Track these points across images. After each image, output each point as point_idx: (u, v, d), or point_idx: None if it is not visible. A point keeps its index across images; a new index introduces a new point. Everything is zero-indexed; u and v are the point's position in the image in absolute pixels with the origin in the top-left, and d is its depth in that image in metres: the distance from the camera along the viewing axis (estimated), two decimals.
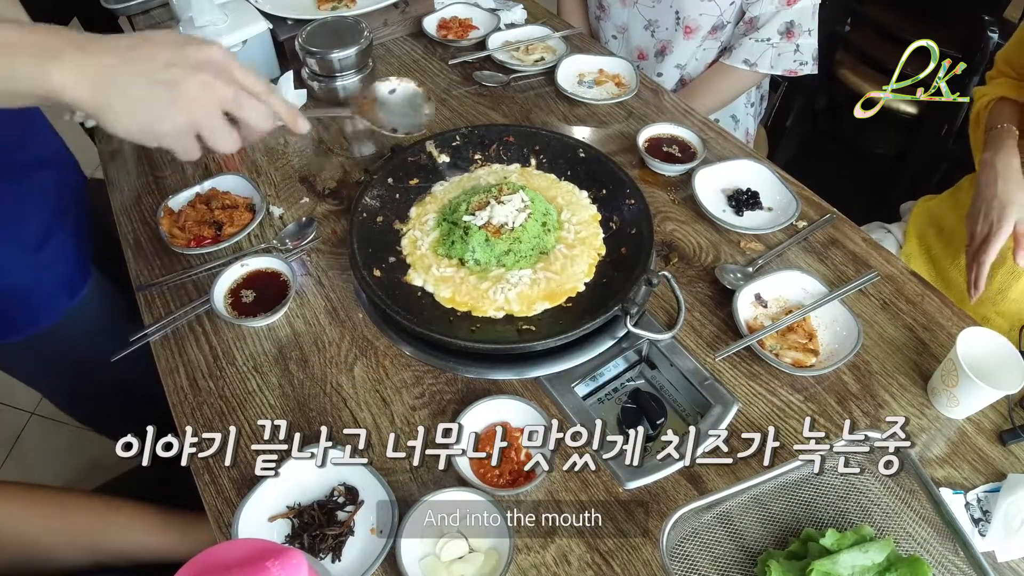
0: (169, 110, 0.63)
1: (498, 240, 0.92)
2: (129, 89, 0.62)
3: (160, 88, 0.63)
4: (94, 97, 0.61)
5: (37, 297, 1.01)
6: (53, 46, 0.60)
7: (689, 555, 0.68)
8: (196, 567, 0.51)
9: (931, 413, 0.83)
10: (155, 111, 0.63)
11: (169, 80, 0.63)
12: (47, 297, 1.02)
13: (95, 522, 0.92)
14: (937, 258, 1.24)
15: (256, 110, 0.68)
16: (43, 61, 0.59)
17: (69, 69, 0.60)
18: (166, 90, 0.63)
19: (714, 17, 1.44)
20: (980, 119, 1.16)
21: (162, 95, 0.63)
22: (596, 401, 0.90)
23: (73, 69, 0.60)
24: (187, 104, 0.64)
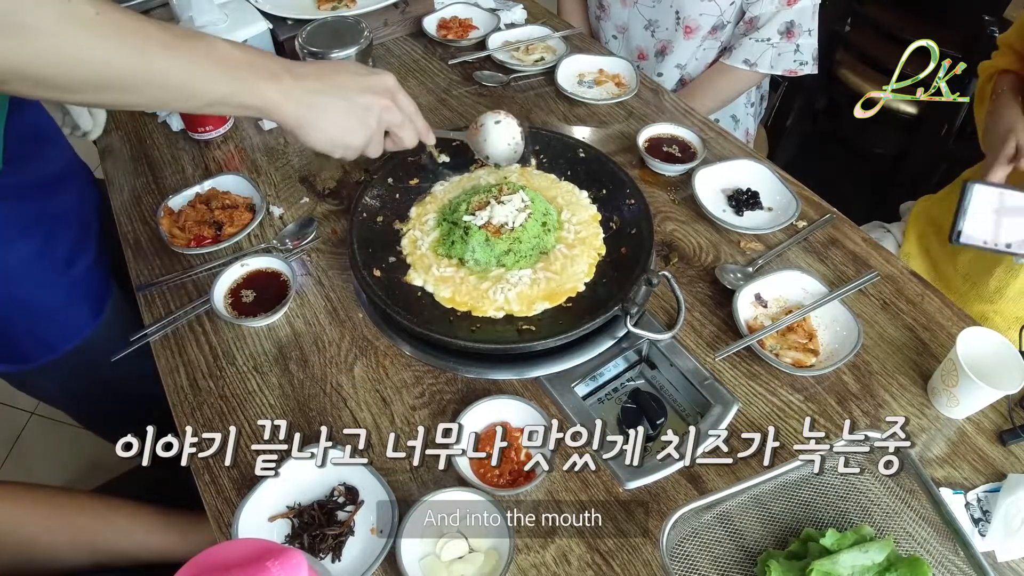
0: (359, 129, 0.80)
1: (498, 240, 0.92)
2: (329, 110, 0.77)
3: (356, 111, 0.79)
4: (299, 115, 0.75)
5: (69, 315, 1.01)
6: (274, 70, 0.73)
7: (689, 555, 0.68)
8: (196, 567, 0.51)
9: (931, 413, 0.83)
10: (348, 129, 0.79)
11: (362, 106, 0.79)
12: (77, 314, 1.02)
13: (95, 522, 0.92)
14: (936, 258, 1.24)
15: (409, 133, 0.86)
16: (265, 81, 0.72)
17: (284, 91, 0.74)
18: (360, 112, 0.79)
19: (714, 17, 1.44)
20: (984, 93, 1.16)
21: (356, 116, 0.79)
22: (596, 401, 0.90)
23: (287, 91, 0.74)
24: (372, 124, 0.81)
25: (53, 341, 1.02)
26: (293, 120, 0.76)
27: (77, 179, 1.08)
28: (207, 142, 1.19)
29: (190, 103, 0.71)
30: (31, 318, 0.98)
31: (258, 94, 0.72)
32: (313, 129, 0.77)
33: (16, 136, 0.87)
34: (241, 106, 0.73)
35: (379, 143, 0.84)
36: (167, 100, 0.72)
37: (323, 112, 0.77)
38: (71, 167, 1.06)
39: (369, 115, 0.80)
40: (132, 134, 1.22)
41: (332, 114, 0.77)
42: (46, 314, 0.99)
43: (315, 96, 0.76)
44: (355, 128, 0.80)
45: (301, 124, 0.76)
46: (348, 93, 0.78)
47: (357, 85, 0.79)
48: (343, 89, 0.78)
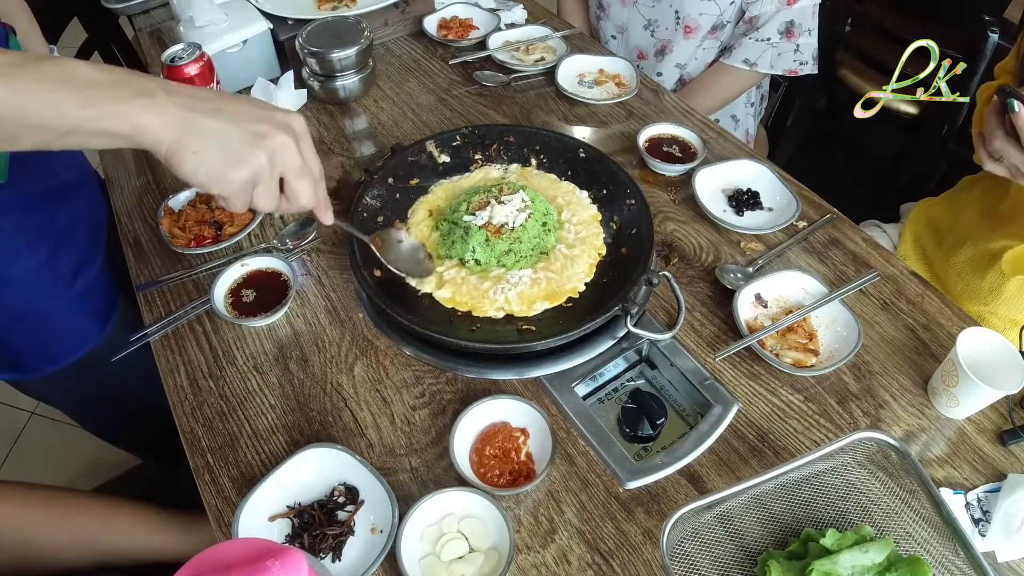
0: (248, 158, 0.64)
1: (498, 240, 0.92)
2: (211, 132, 0.62)
3: (248, 136, 0.64)
4: (173, 138, 0.61)
5: (74, 328, 1.01)
6: (146, 88, 0.60)
7: (689, 555, 0.68)
8: (196, 567, 0.51)
9: (931, 413, 0.83)
10: (230, 159, 0.63)
11: (259, 133, 0.64)
12: (83, 327, 1.02)
13: (95, 522, 0.92)
14: (932, 259, 1.24)
15: (308, 188, 0.70)
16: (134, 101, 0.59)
17: (158, 111, 0.60)
18: (249, 140, 0.64)
19: (714, 17, 1.44)
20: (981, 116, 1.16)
21: (243, 145, 0.64)
22: (596, 401, 0.90)
23: (161, 112, 0.60)
24: (262, 160, 0.65)
25: (58, 353, 1.01)
26: (166, 144, 0.61)
27: (87, 188, 1.07)
28: None
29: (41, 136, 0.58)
30: (35, 331, 0.98)
31: (124, 116, 0.59)
32: (187, 152, 0.61)
33: None
34: (105, 133, 0.59)
35: (271, 188, 0.67)
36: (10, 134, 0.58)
37: (202, 135, 0.62)
38: (81, 176, 1.05)
39: (259, 147, 0.64)
40: None
41: (213, 136, 0.62)
42: (51, 326, 0.98)
43: (195, 115, 0.62)
44: (240, 158, 0.63)
45: (174, 149, 0.61)
46: (238, 119, 0.64)
47: (252, 114, 0.65)
48: (234, 114, 0.64)
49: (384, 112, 1.27)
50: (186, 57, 1.08)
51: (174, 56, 1.10)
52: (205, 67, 1.11)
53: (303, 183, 0.69)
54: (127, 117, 0.59)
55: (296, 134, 0.67)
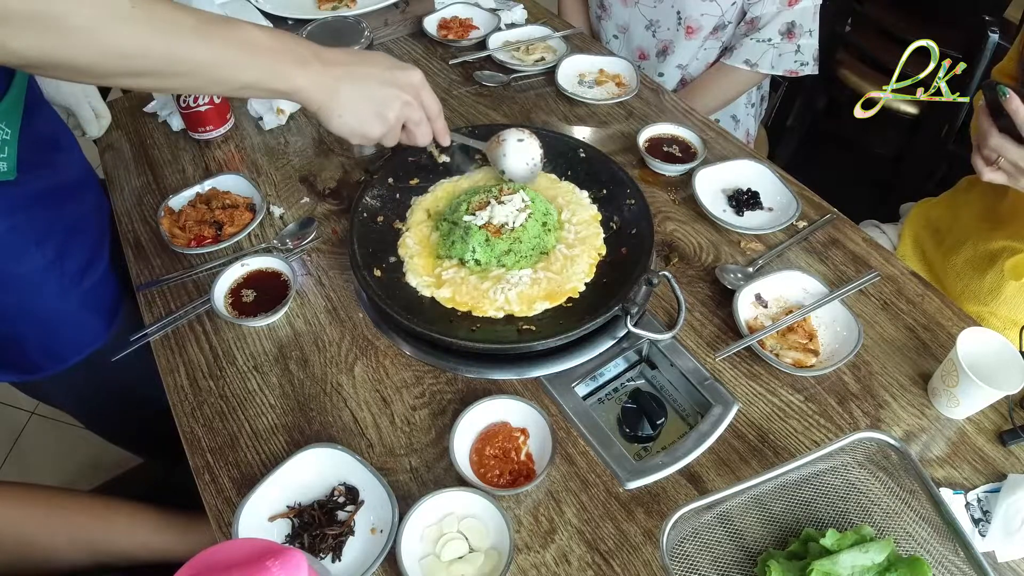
0: (376, 121, 0.83)
1: (498, 240, 0.92)
2: (351, 99, 0.80)
3: (377, 103, 0.82)
4: (323, 101, 0.79)
5: (81, 327, 1.00)
6: (303, 56, 0.76)
7: (689, 555, 0.68)
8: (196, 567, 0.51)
9: (931, 413, 0.83)
10: (366, 120, 0.82)
11: (382, 99, 0.82)
12: (90, 326, 1.01)
13: (95, 522, 0.92)
14: (931, 260, 1.24)
15: (424, 131, 0.90)
16: (294, 67, 0.75)
17: (311, 77, 0.77)
18: (380, 105, 0.82)
19: (716, 17, 1.44)
20: None
21: (374, 109, 0.82)
22: (596, 401, 0.90)
23: (314, 78, 0.77)
24: (390, 118, 0.84)
25: (65, 353, 1.01)
26: (316, 104, 0.79)
27: (91, 187, 1.07)
28: (207, 142, 1.19)
29: (222, 87, 0.76)
30: (43, 330, 0.97)
31: (286, 80, 0.75)
32: (334, 116, 0.80)
33: (31, 144, 0.86)
34: (270, 91, 0.76)
35: (395, 136, 0.87)
36: (200, 86, 0.77)
37: (345, 101, 0.80)
38: (85, 175, 1.05)
39: (388, 109, 0.83)
40: (133, 134, 1.22)
41: (353, 103, 0.80)
42: (58, 326, 0.98)
43: (339, 83, 0.79)
44: (373, 120, 0.82)
45: (323, 109, 0.80)
46: (372, 84, 0.81)
47: (383, 78, 0.82)
48: (368, 79, 0.81)
49: None
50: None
51: None
52: None
53: (421, 129, 0.89)
54: (289, 81, 0.76)
55: (416, 89, 0.85)
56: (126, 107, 1.27)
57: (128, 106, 1.27)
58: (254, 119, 1.23)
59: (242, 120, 1.24)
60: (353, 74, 0.80)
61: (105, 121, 1.20)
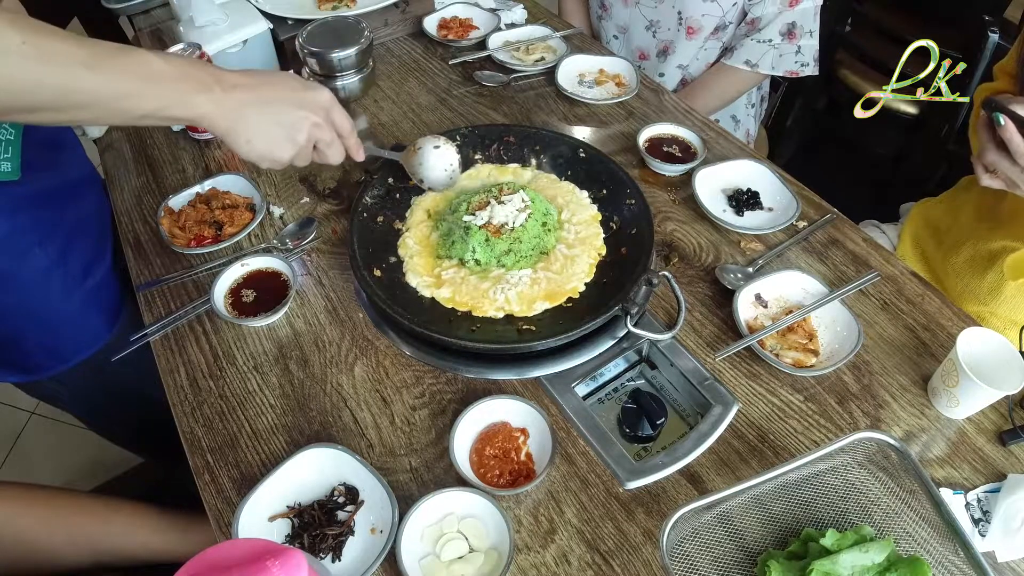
0: (286, 144, 0.81)
1: (498, 240, 0.92)
2: (259, 123, 0.78)
3: (285, 126, 0.80)
4: (229, 127, 0.77)
5: (84, 326, 1.01)
6: (205, 82, 0.74)
7: (689, 555, 0.68)
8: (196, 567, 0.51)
9: (931, 413, 0.83)
10: (275, 143, 0.80)
11: (291, 122, 0.80)
12: (93, 325, 1.01)
13: (95, 522, 0.92)
14: (931, 259, 1.24)
15: (336, 151, 0.87)
16: (196, 93, 0.73)
17: (215, 102, 0.74)
18: (289, 128, 0.80)
19: (716, 18, 1.44)
20: None
21: (283, 132, 0.80)
22: (596, 401, 0.90)
23: (218, 103, 0.75)
24: (300, 140, 0.81)
25: (67, 353, 1.01)
26: (222, 130, 0.77)
27: (93, 187, 1.07)
28: (207, 142, 1.19)
29: (124, 117, 0.72)
30: (46, 330, 0.97)
31: (189, 106, 0.73)
32: (241, 141, 0.78)
33: (35, 144, 0.87)
34: (173, 118, 0.74)
35: (307, 157, 0.85)
36: (101, 116, 0.71)
37: (252, 125, 0.77)
38: (88, 175, 1.06)
39: (298, 131, 0.80)
40: (132, 134, 1.22)
41: (261, 127, 0.78)
42: (61, 326, 0.98)
43: (245, 107, 0.77)
44: (282, 143, 0.80)
45: (229, 134, 0.77)
46: (280, 107, 0.79)
47: (290, 99, 0.80)
48: (275, 102, 0.79)
49: (384, 112, 1.27)
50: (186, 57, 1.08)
51: None
52: None
53: (332, 150, 0.86)
54: (192, 108, 0.73)
55: (326, 110, 0.83)
56: None
57: None
58: None
59: None
60: (260, 98, 0.78)
61: None
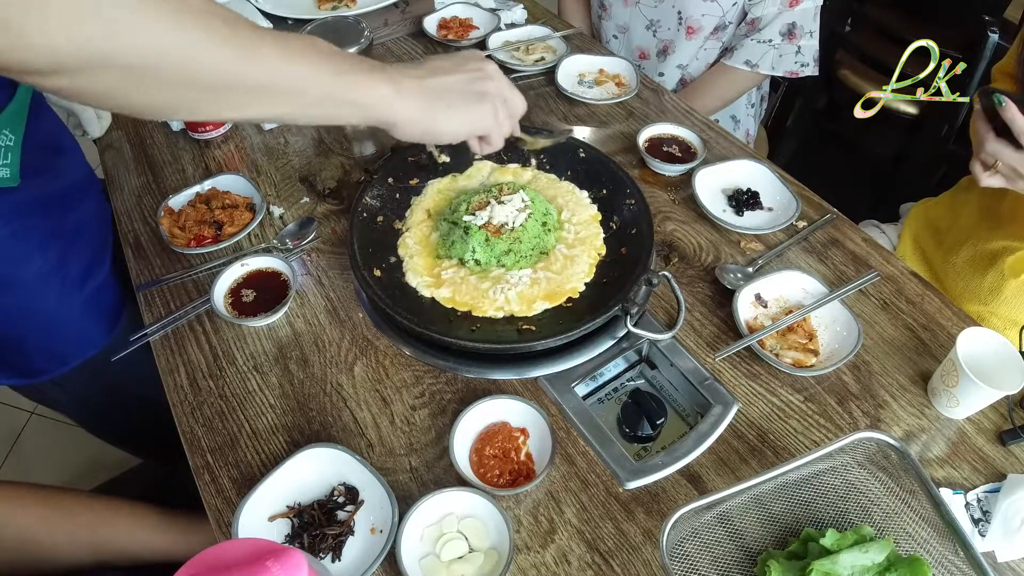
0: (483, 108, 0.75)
1: (498, 240, 0.92)
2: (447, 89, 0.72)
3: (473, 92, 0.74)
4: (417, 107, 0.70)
5: (83, 330, 1.00)
6: (374, 63, 0.68)
7: (689, 555, 0.68)
8: (196, 567, 0.51)
9: (931, 413, 0.83)
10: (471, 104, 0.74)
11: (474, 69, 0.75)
12: (92, 329, 1.01)
13: (95, 522, 0.92)
14: (931, 259, 1.24)
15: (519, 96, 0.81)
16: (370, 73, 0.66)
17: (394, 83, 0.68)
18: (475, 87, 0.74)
19: (716, 18, 1.44)
20: None
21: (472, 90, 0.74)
22: (596, 401, 0.90)
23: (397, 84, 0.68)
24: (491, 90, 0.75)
25: (66, 356, 1.01)
26: (413, 113, 0.70)
27: (93, 191, 1.07)
28: (207, 142, 1.19)
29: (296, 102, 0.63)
30: (45, 333, 0.97)
31: (370, 87, 0.66)
32: (441, 113, 0.72)
33: (34, 148, 0.86)
34: (351, 103, 0.66)
35: (505, 109, 0.78)
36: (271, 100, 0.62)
37: (444, 94, 0.72)
38: (87, 179, 1.05)
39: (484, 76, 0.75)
40: (132, 133, 1.22)
41: (453, 93, 0.73)
42: (60, 330, 0.98)
43: (426, 81, 0.71)
44: (480, 96, 0.74)
45: (425, 114, 0.71)
46: (453, 68, 0.74)
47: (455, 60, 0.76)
48: (446, 68, 0.74)
49: None
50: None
51: None
52: None
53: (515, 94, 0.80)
54: (372, 88, 0.66)
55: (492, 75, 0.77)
56: None
57: None
58: None
59: None
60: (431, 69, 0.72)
61: (106, 121, 1.20)
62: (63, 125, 1.02)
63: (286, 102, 0.62)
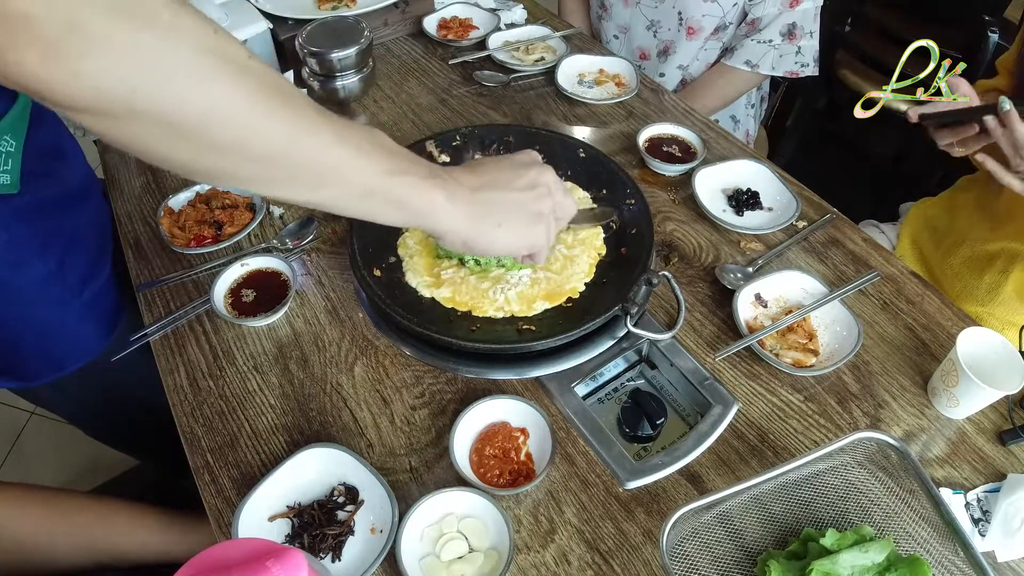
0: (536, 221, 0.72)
1: None
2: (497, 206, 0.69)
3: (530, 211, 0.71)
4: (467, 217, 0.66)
5: (81, 335, 1.00)
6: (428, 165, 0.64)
7: (689, 555, 0.68)
8: (196, 567, 0.51)
9: (931, 413, 0.83)
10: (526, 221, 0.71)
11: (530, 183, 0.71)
12: (90, 334, 1.01)
13: (95, 522, 0.92)
14: (929, 259, 1.25)
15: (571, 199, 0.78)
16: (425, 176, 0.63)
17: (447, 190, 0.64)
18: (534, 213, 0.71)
19: (717, 18, 1.44)
20: None
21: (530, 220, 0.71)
22: (596, 401, 0.90)
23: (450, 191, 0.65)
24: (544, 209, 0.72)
25: (64, 361, 1.01)
26: (463, 224, 0.66)
27: (93, 195, 1.06)
28: None
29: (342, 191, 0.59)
30: (42, 338, 0.97)
31: (423, 190, 0.62)
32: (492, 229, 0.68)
33: (35, 153, 0.86)
34: (397, 203, 0.62)
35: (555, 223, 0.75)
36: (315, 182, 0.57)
37: (497, 209, 0.68)
38: (88, 182, 1.05)
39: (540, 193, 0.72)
40: None
41: (507, 208, 0.69)
42: (58, 334, 0.98)
43: (480, 193, 0.67)
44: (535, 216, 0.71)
45: (474, 227, 0.67)
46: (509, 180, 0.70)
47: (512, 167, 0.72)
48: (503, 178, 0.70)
49: (384, 112, 1.27)
50: None
51: None
52: None
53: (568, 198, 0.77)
54: (424, 193, 0.63)
55: (540, 162, 0.74)
56: None
57: None
58: None
59: None
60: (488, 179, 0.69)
61: None
62: (64, 129, 1.01)
63: (330, 187, 0.58)
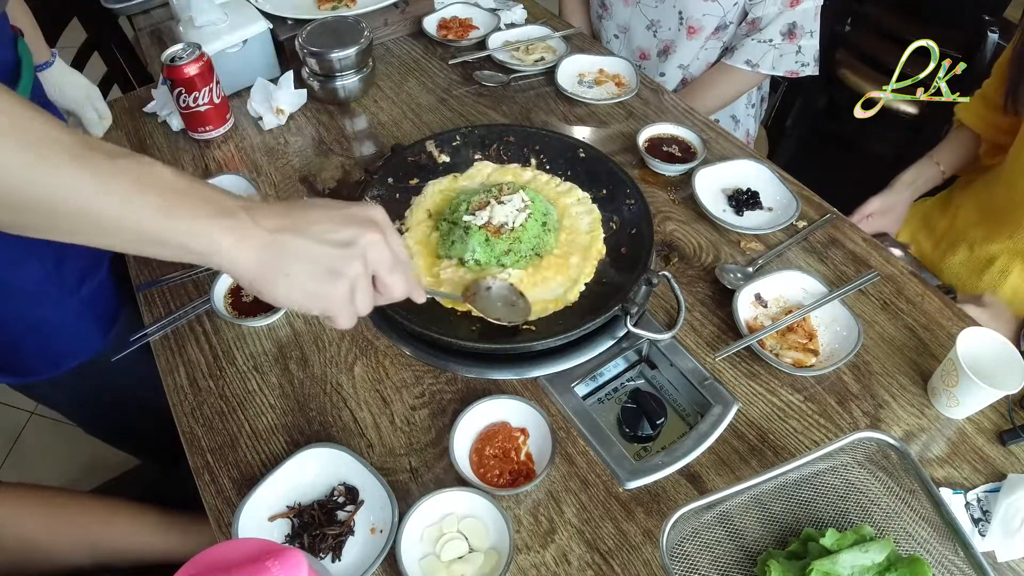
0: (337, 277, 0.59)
1: (498, 240, 0.92)
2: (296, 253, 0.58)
3: (334, 251, 0.59)
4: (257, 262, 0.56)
5: (79, 334, 1.00)
6: (225, 205, 0.56)
7: (689, 555, 0.68)
8: (196, 567, 0.51)
9: (931, 413, 0.83)
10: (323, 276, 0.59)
11: (348, 240, 0.59)
12: (88, 332, 1.01)
13: (95, 522, 0.92)
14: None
15: (401, 280, 0.64)
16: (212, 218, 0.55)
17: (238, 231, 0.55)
18: (340, 253, 0.59)
19: (717, 18, 1.44)
20: None
21: (333, 259, 0.59)
22: (596, 401, 0.90)
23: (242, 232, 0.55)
24: (357, 268, 0.60)
25: (62, 359, 1.01)
26: (251, 268, 0.57)
27: None
28: (207, 142, 1.19)
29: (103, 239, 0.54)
30: (40, 337, 0.97)
31: (203, 234, 0.54)
32: (279, 278, 0.57)
33: None
34: (180, 247, 0.54)
35: (367, 292, 0.62)
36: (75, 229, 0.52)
37: (291, 257, 0.57)
38: None
39: (351, 254, 0.59)
40: (132, 134, 1.22)
41: (303, 258, 0.58)
42: (56, 333, 0.98)
43: (279, 235, 0.57)
44: (333, 275, 0.59)
45: (261, 274, 0.57)
46: (322, 229, 0.59)
47: (336, 218, 0.60)
48: (315, 224, 0.59)
49: (384, 112, 1.27)
50: (186, 57, 1.08)
51: (174, 56, 1.10)
52: (205, 67, 1.11)
53: (396, 277, 0.63)
54: (205, 235, 0.54)
55: (381, 227, 0.62)
56: (126, 107, 1.27)
57: (128, 106, 1.27)
58: (254, 119, 1.23)
59: (242, 120, 1.24)
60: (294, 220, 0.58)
61: (107, 122, 1.20)
62: None
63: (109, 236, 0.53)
